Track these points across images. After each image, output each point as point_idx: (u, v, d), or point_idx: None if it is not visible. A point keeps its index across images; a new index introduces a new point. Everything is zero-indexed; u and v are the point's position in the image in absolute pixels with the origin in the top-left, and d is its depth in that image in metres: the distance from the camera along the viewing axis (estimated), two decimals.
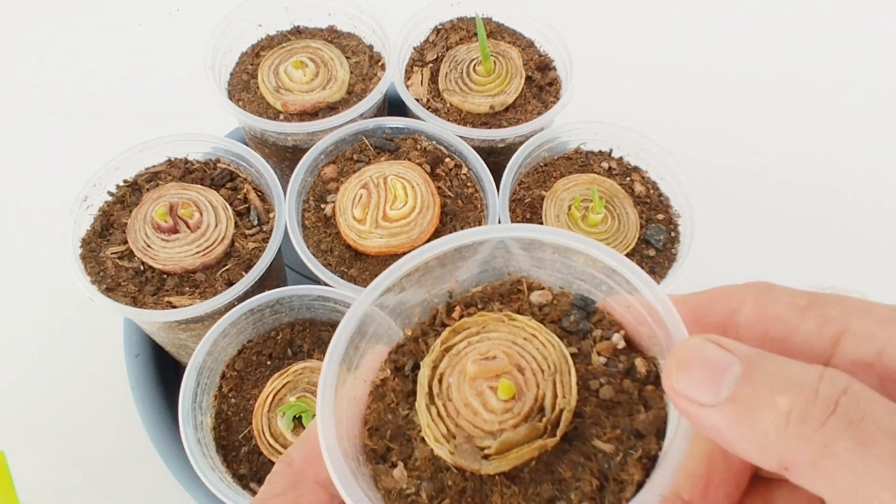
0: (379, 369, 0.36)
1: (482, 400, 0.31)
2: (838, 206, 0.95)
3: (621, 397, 0.31)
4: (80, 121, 1.02)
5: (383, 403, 0.34)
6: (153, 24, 1.13)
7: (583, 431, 0.31)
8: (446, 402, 0.32)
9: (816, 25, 1.15)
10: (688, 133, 0.99)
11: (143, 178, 0.71)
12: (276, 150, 0.79)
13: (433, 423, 0.31)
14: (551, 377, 0.32)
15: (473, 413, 0.31)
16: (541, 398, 0.31)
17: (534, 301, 0.36)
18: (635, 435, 0.30)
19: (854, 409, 0.23)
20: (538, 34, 0.85)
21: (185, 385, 0.60)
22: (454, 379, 0.32)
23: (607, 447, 0.30)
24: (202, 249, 0.66)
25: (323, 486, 0.33)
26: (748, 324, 0.30)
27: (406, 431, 0.33)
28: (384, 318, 0.36)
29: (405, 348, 0.36)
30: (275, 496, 0.33)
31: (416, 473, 0.32)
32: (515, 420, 0.31)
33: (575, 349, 0.33)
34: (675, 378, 0.26)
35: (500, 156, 0.78)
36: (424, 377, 0.33)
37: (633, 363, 0.32)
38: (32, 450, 0.76)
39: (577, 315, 0.35)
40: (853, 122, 1.03)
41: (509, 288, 0.37)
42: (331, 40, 0.84)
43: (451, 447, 0.31)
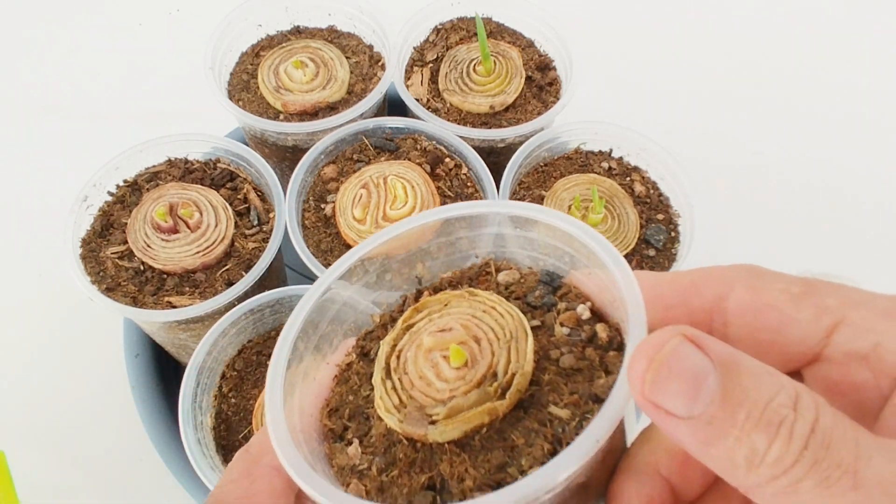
0: (346, 355, 0.36)
1: (436, 371, 0.31)
2: (838, 205, 0.95)
3: (582, 364, 0.30)
4: (80, 121, 1.02)
5: (346, 386, 0.34)
6: (153, 24, 1.13)
7: (539, 399, 0.30)
8: (402, 375, 0.32)
9: (817, 25, 1.15)
10: (688, 133, 0.99)
11: (143, 178, 0.71)
12: (276, 150, 0.79)
13: (386, 396, 0.31)
14: (507, 344, 0.31)
15: (427, 384, 0.31)
16: (494, 365, 0.30)
17: (501, 281, 0.35)
18: (593, 399, 0.29)
19: (819, 447, 0.23)
20: (538, 34, 0.85)
21: (185, 385, 0.60)
22: (411, 353, 0.32)
23: (563, 412, 0.29)
24: (202, 249, 0.66)
25: (278, 471, 0.33)
26: (739, 311, 0.29)
27: (365, 410, 0.33)
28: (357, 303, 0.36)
29: (373, 334, 0.36)
30: (230, 482, 0.33)
31: (371, 450, 0.31)
32: (467, 387, 0.30)
33: (538, 322, 0.33)
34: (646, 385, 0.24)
35: (500, 156, 0.78)
36: (383, 354, 0.33)
37: (595, 329, 0.31)
38: (32, 450, 0.76)
39: (543, 290, 0.34)
40: (854, 121, 1.03)
41: (477, 271, 0.37)
42: (331, 40, 0.84)
43: (402, 416, 0.30)
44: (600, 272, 0.31)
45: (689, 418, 0.24)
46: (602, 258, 0.31)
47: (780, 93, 1.07)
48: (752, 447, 0.23)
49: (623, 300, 0.29)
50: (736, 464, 0.23)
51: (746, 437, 0.23)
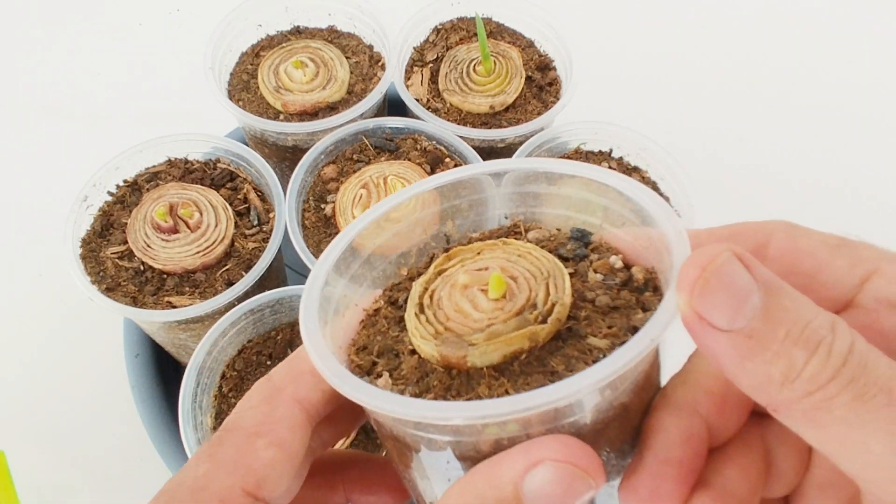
0: (373, 303, 0.35)
1: (473, 303, 0.31)
2: (840, 205, 0.95)
3: (618, 302, 0.31)
4: (80, 121, 1.01)
5: (374, 329, 0.34)
6: (153, 24, 1.13)
7: (577, 331, 0.30)
8: (436, 310, 0.31)
9: (817, 25, 1.15)
10: (688, 133, 0.99)
11: (143, 178, 0.71)
12: (276, 150, 0.79)
13: (420, 326, 0.31)
14: (544, 281, 0.31)
15: (464, 316, 0.30)
16: (533, 297, 0.30)
17: (531, 238, 0.35)
18: (632, 331, 0.29)
19: (857, 365, 0.24)
20: (538, 34, 0.85)
21: (185, 385, 0.60)
22: (445, 291, 0.32)
23: (602, 343, 0.29)
24: (202, 249, 0.66)
25: (299, 403, 0.32)
26: (777, 255, 0.30)
27: (394, 347, 0.32)
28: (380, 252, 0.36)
29: (400, 286, 0.36)
30: (249, 408, 0.33)
31: (402, 381, 0.31)
32: (506, 315, 0.30)
33: (571, 270, 0.33)
34: (697, 295, 0.25)
35: (501, 156, 0.78)
36: (415, 293, 0.32)
37: (631, 273, 0.32)
38: (32, 450, 0.76)
39: (574, 244, 0.34)
40: (855, 121, 1.03)
41: (507, 231, 0.36)
42: (331, 40, 0.84)
43: (439, 341, 0.30)
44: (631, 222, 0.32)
45: (729, 331, 0.24)
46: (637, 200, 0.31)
47: (781, 92, 1.07)
48: (789, 362, 0.24)
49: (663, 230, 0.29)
50: (771, 379, 0.24)
51: (785, 353, 0.24)
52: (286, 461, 0.31)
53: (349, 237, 0.35)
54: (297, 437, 0.32)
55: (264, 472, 0.30)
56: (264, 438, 0.31)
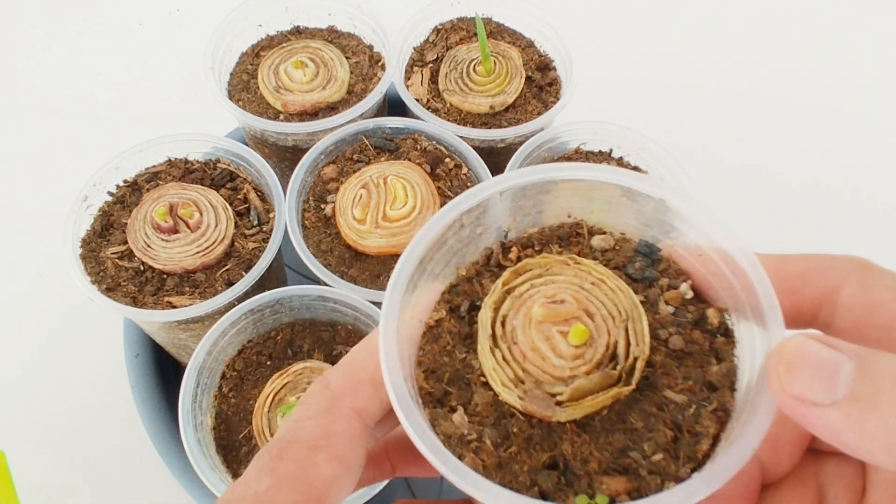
0: (433, 310, 0.34)
1: (551, 344, 0.30)
2: (841, 205, 0.95)
3: (692, 348, 0.30)
4: (80, 121, 1.02)
5: (438, 346, 0.33)
6: (153, 24, 1.13)
7: (654, 381, 0.30)
8: (511, 345, 0.30)
9: (817, 24, 1.15)
10: (688, 133, 0.99)
11: (143, 178, 0.71)
12: (276, 150, 0.79)
13: (499, 367, 0.30)
14: (623, 324, 0.30)
15: (542, 358, 0.30)
16: (612, 345, 0.30)
17: (595, 245, 0.34)
18: (708, 387, 0.29)
19: None
20: (538, 34, 0.85)
21: (185, 385, 0.60)
22: (519, 322, 0.31)
23: (679, 398, 0.29)
24: (202, 249, 0.66)
25: (358, 415, 0.32)
26: (849, 305, 0.29)
27: (465, 375, 0.31)
28: (442, 255, 0.34)
29: (459, 288, 0.34)
30: (308, 418, 0.32)
31: (478, 419, 0.30)
32: (587, 367, 0.29)
33: (642, 297, 0.32)
34: (784, 379, 0.25)
35: (500, 156, 0.78)
36: (486, 318, 0.31)
37: (705, 313, 0.31)
38: (32, 450, 0.76)
39: (642, 262, 0.33)
40: (855, 121, 1.03)
41: (568, 230, 0.35)
42: (331, 40, 0.84)
43: (521, 392, 0.29)
44: (709, 251, 0.31)
45: (833, 403, 0.24)
46: (721, 241, 0.31)
47: (781, 92, 1.07)
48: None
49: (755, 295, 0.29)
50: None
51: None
52: (346, 474, 0.31)
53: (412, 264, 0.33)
54: (356, 449, 0.31)
55: (325, 487, 0.30)
56: (324, 452, 0.31)
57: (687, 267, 0.33)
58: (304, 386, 0.63)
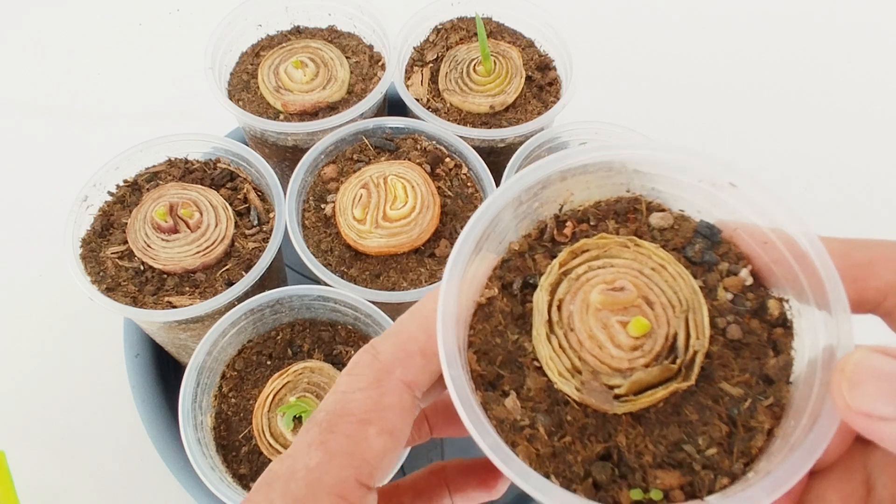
0: (485, 286, 0.33)
1: (609, 333, 0.29)
2: (841, 205, 0.95)
3: (749, 338, 0.30)
4: (80, 121, 1.02)
5: (490, 325, 0.32)
6: (153, 24, 1.13)
7: (710, 372, 0.29)
8: (567, 331, 0.30)
9: (818, 24, 1.15)
10: (688, 133, 0.99)
11: (143, 178, 0.71)
12: (276, 150, 0.79)
13: (556, 356, 0.29)
14: (683, 315, 0.30)
15: (599, 347, 0.29)
16: (672, 337, 0.29)
17: (653, 224, 0.33)
18: (764, 380, 0.29)
19: None
20: (538, 34, 0.85)
21: (185, 385, 0.60)
22: (576, 307, 0.30)
23: (735, 391, 0.29)
24: (202, 249, 0.66)
25: (408, 387, 0.31)
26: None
27: (517, 358, 0.31)
28: (498, 232, 0.33)
29: (511, 263, 0.33)
30: (358, 390, 0.31)
31: (531, 405, 0.30)
32: (646, 359, 0.29)
33: (700, 282, 0.31)
34: (849, 395, 0.25)
35: (500, 156, 0.78)
36: (543, 302, 0.30)
37: (765, 303, 0.30)
38: (32, 450, 0.76)
39: (702, 244, 0.32)
40: (856, 121, 1.03)
41: (626, 206, 0.34)
42: (331, 40, 0.84)
43: (578, 383, 0.29)
44: (774, 237, 0.30)
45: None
46: (783, 223, 0.30)
47: (781, 91, 1.07)
48: None
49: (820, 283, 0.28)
50: None
51: None
52: (397, 447, 0.30)
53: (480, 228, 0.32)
54: (406, 422, 0.31)
55: (377, 461, 0.30)
56: (376, 426, 0.30)
57: (747, 250, 0.32)
58: (305, 386, 0.63)
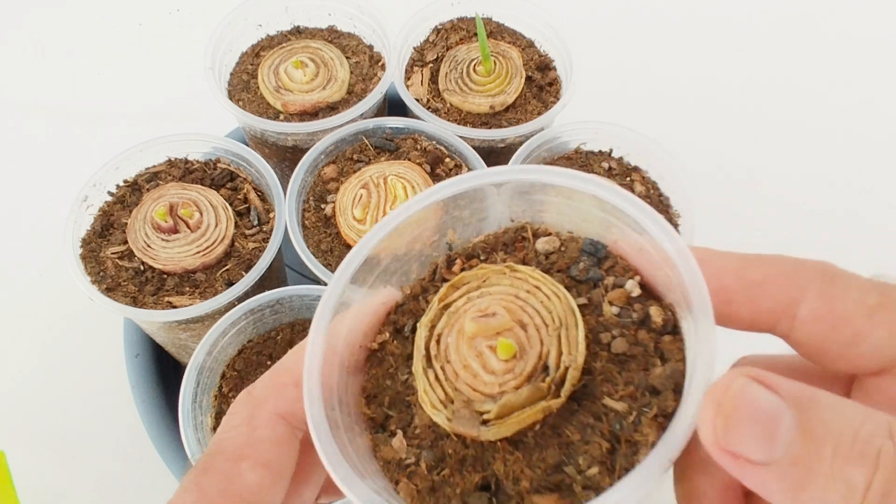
0: (377, 332, 0.33)
1: (482, 361, 0.29)
2: (842, 205, 0.95)
3: (635, 350, 0.29)
4: (80, 121, 1.02)
5: (382, 369, 0.32)
6: (153, 24, 1.13)
7: (592, 390, 0.28)
8: (444, 364, 0.30)
9: (818, 24, 1.15)
10: (688, 133, 0.99)
11: (143, 178, 0.71)
12: (276, 150, 0.79)
13: (430, 389, 0.29)
14: (556, 332, 0.29)
15: (473, 375, 0.29)
16: (545, 356, 0.29)
17: (540, 249, 0.33)
18: (650, 391, 0.27)
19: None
20: (538, 34, 0.85)
21: (185, 385, 0.60)
22: (452, 339, 0.30)
23: (619, 406, 0.27)
24: (202, 249, 0.66)
25: (282, 418, 0.31)
26: (810, 319, 0.27)
27: (405, 398, 0.31)
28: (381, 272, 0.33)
29: (404, 307, 0.33)
30: (232, 427, 0.31)
31: (416, 442, 0.30)
32: (517, 381, 0.28)
33: (585, 300, 0.30)
34: (721, 432, 0.23)
35: (500, 156, 0.78)
36: (421, 338, 0.31)
37: (648, 312, 0.29)
38: (32, 450, 0.76)
39: (587, 262, 0.31)
40: (856, 121, 1.03)
41: (513, 235, 0.34)
42: (331, 40, 0.84)
43: (449, 413, 0.28)
44: (647, 245, 0.30)
45: (770, 463, 0.22)
46: (655, 236, 0.29)
47: (782, 93, 1.07)
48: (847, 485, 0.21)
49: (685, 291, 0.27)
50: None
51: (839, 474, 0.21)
52: (274, 480, 0.30)
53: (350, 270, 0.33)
54: (282, 453, 0.31)
55: (253, 496, 0.29)
56: (249, 461, 0.30)
57: (635, 263, 0.31)
58: None
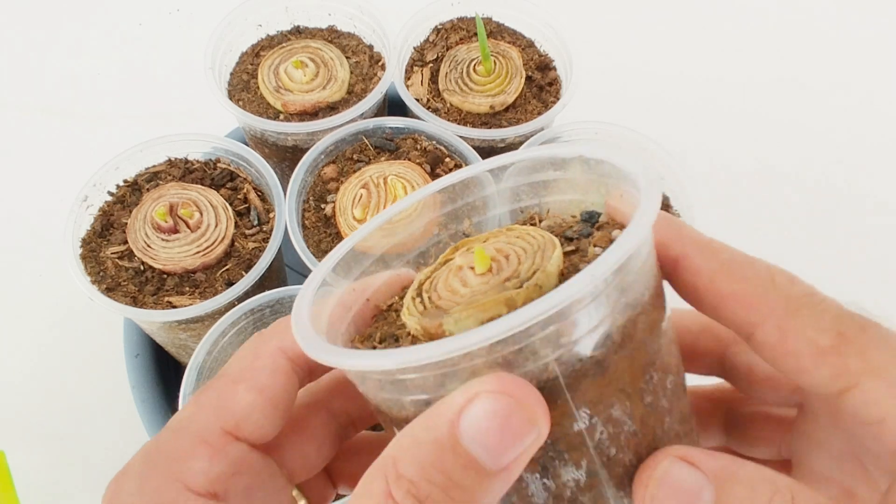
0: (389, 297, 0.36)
1: (462, 281, 0.31)
2: (842, 206, 0.95)
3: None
4: (80, 121, 1.02)
5: (384, 321, 0.34)
6: (153, 24, 1.13)
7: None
8: (432, 293, 0.31)
9: (818, 24, 1.15)
10: (688, 133, 0.99)
11: (143, 178, 0.71)
12: (276, 150, 0.79)
13: (412, 305, 0.31)
14: (534, 254, 0.31)
15: (452, 293, 0.30)
16: (519, 269, 0.30)
17: (543, 227, 0.36)
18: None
19: None
20: (538, 34, 0.85)
21: (185, 385, 0.60)
22: (442, 274, 0.32)
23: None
24: (202, 249, 0.66)
25: (283, 352, 0.34)
26: (762, 347, 0.29)
27: (395, 333, 0.33)
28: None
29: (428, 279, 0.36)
30: (236, 359, 0.34)
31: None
32: (488, 288, 0.29)
33: (573, 247, 0.32)
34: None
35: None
36: (416, 280, 0.33)
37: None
38: (32, 450, 0.76)
39: (581, 226, 0.34)
40: (856, 122, 1.03)
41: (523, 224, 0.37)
42: (331, 40, 0.84)
43: (421, 315, 0.30)
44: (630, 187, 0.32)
45: None
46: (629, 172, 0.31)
47: (782, 93, 1.07)
48: None
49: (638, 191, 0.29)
50: None
51: None
52: (266, 404, 0.33)
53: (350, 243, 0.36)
54: (277, 382, 0.33)
55: (243, 413, 0.32)
56: (245, 384, 0.33)
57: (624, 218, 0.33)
58: None
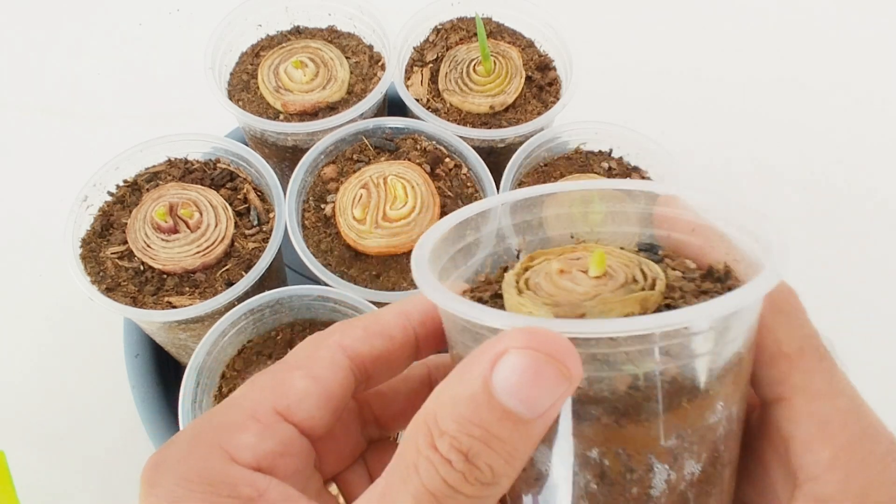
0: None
1: (574, 282, 0.31)
2: (842, 206, 0.95)
3: (706, 287, 0.31)
4: (80, 121, 1.02)
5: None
6: (153, 24, 1.13)
7: (676, 307, 0.30)
8: (537, 291, 0.31)
9: (818, 24, 1.15)
10: (688, 133, 0.99)
11: (143, 178, 0.71)
12: (276, 150, 0.79)
13: (527, 300, 0.31)
14: (637, 266, 0.31)
15: (568, 292, 0.30)
16: (631, 277, 0.31)
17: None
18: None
19: None
20: (538, 34, 0.85)
21: (185, 385, 0.60)
22: (541, 278, 0.32)
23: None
24: (202, 249, 0.66)
25: (343, 349, 0.34)
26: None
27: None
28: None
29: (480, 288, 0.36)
30: (298, 349, 0.35)
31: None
32: (611, 288, 0.30)
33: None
34: None
35: (500, 156, 0.78)
36: (510, 280, 0.32)
37: (710, 266, 0.32)
38: (32, 450, 0.76)
39: (646, 255, 0.34)
40: (856, 122, 1.03)
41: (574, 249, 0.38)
42: (331, 40, 0.84)
43: (552, 305, 0.30)
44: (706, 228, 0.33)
45: None
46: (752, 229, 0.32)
47: (782, 93, 1.07)
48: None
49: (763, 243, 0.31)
50: None
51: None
52: (320, 394, 0.33)
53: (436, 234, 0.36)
54: (334, 375, 0.34)
55: (296, 397, 0.33)
56: (303, 370, 0.34)
57: (687, 252, 0.35)
58: None
